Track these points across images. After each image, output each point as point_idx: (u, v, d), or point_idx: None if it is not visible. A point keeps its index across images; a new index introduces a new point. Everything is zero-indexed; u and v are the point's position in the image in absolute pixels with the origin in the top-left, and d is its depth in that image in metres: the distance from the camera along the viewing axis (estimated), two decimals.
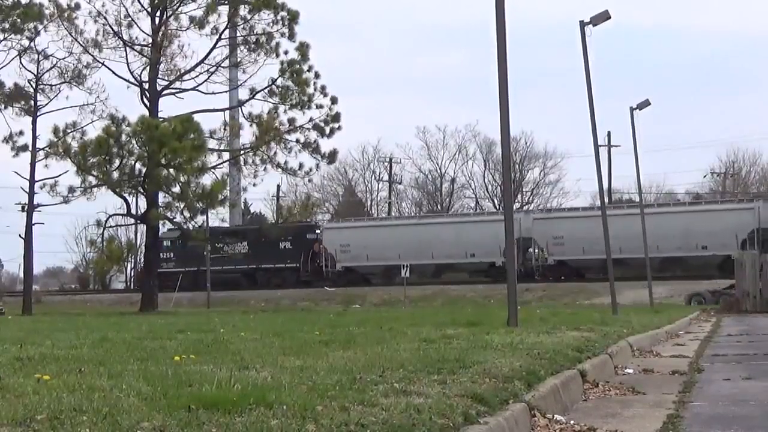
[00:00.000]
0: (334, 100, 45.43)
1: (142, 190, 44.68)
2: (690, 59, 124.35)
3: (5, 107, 45.47)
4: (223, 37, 45.17)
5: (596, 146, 27.92)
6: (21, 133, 45.72)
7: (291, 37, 44.94)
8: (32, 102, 45.57)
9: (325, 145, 46.04)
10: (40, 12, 43.92)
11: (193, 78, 45.59)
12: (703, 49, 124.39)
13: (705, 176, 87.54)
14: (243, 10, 45.30)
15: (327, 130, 45.50)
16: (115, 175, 42.90)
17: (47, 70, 45.57)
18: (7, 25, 44.18)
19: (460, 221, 59.74)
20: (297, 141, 45.68)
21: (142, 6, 44.88)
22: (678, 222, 52.17)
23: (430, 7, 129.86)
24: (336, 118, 45.43)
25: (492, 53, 16.05)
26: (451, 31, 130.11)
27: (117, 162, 42.70)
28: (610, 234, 55.29)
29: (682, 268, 53.31)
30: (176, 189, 43.40)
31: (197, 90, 45.70)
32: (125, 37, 44.99)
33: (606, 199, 42.81)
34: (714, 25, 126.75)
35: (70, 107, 45.55)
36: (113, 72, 45.41)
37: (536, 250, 56.62)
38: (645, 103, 36.75)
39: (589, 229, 51.03)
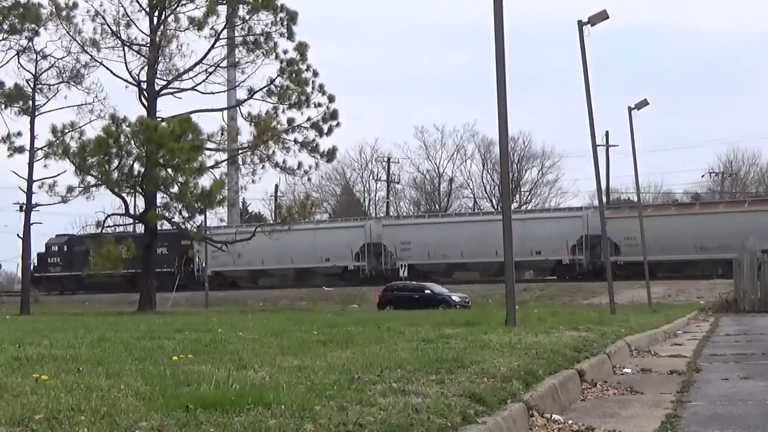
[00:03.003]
0: (331, 98, 45.39)
1: (140, 190, 44.64)
2: (689, 59, 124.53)
3: (4, 107, 45.46)
4: (221, 37, 45.16)
5: (594, 146, 27.92)
6: (19, 133, 45.73)
7: (290, 37, 44.91)
8: (30, 102, 45.53)
9: (324, 143, 46.05)
10: (38, 14, 43.86)
11: (191, 78, 45.59)
12: (702, 49, 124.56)
13: (703, 176, 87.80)
14: (242, 11, 45.27)
15: (325, 128, 45.46)
16: (114, 175, 42.87)
17: (45, 70, 45.56)
18: (6, 27, 44.14)
19: (315, 228, 61.93)
20: (295, 141, 45.66)
21: (141, 6, 44.88)
22: (516, 228, 54.04)
23: (429, 7, 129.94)
24: (334, 115, 45.39)
25: (491, 53, 16.08)
26: (450, 31, 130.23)
27: (116, 162, 42.69)
28: (449, 241, 61.17)
29: (518, 271, 55.84)
30: (174, 189, 43.37)
31: (195, 90, 45.70)
32: (123, 37, 44.99)
33: (604, 199, 42.79)
34: (713, 25, 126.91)
35: (69, 107, 45.56)
36: (111, 72, 45.41)
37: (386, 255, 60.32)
38: (643, 103, 36.75)
39: (433, 235, 56.41)
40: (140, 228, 50.99)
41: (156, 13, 44.86)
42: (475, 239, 54.88)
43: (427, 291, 46.37)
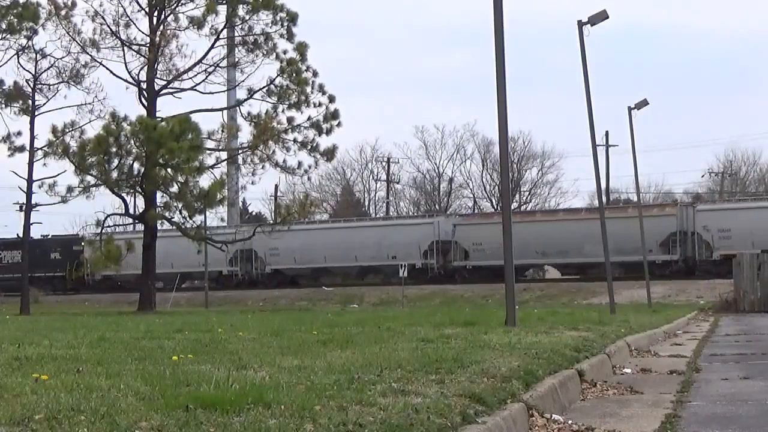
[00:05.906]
0: (332, 98, 45.35)
1: (140, 190, 44.64)
2: (689, 59, 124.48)
3: (3, 107, 45.45)
4: (221, 37, 45.13)
5: (594, 146, 27.90)
6: (19, 133, 45.71)
7: (290, 38, 44.87)
8: (30, 101, 45.51)
9: (324, 142, 46.03)
10: (36, 12, 43.83)
11: (191, 78, 45.54)
12: (702, 49, 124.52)
13: (703, 176, 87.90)
14: (241, 11, 45.24)
15: (325, 128, 45.44)
16: (114, 174, 42.86)
17: (45, 70, 45.52)
18: (4, 25, 44.12)
19: None
20: (295, 140, 45.65)
21: (140, 6, 44.87)
22: (373, 234, 59.37)
23: (429, 8, 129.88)
24: (335, 115, 45.37)
25: (491, 53, 16.08)
26: (450, 31, 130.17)
27: (115, 161, 42.68)
28: (313, 247, 63.72)
29: (377, 275, 60.32)
30: (174, 189, 43.38)
31: (195, 90, 45.66)
32: (123, 37, 44.93)
33: (604, 199, 42.80)
34: (713, 24, 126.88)
35: (68, 107, 45.51)
36: (111, 72, 45.37)
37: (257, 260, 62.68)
38: (643, 103, 36.72)
39: (299, 242, 58.43)
40: (139, 227, 50.93)
41: (156, 13, 44.84)
42: (335, 245, 58.35)
43: None
